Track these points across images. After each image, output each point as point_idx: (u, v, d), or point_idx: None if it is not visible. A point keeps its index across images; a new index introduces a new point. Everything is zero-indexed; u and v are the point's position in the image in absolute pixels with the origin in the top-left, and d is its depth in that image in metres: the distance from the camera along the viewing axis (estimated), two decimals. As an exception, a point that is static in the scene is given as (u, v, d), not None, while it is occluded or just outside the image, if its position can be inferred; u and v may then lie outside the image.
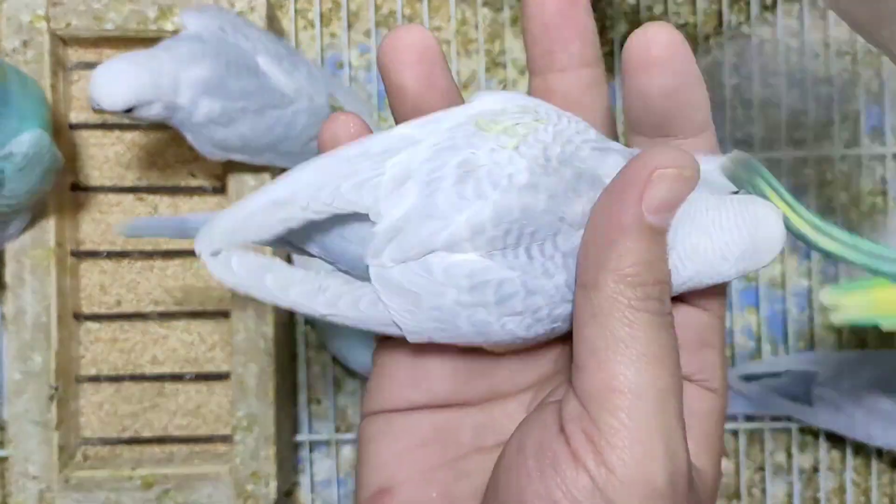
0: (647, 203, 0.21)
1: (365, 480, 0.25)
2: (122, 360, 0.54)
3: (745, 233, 0.22)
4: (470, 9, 0.59)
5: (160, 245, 0.54)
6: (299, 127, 0.48)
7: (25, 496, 0.50)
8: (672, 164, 0.21)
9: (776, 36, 0.59)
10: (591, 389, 0.21)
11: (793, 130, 0.59)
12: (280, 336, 0.53)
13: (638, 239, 0.21)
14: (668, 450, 0.20)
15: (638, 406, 0.20)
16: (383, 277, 0.23)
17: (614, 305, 0.21)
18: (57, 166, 0.47)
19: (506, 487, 0.22)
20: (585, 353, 0.21)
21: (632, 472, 0.20)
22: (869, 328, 0.52)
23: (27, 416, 0.50)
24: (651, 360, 0.20)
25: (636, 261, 0.21)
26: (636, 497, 0.20)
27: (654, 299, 0.21)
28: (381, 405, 0.26)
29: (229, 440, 0.53)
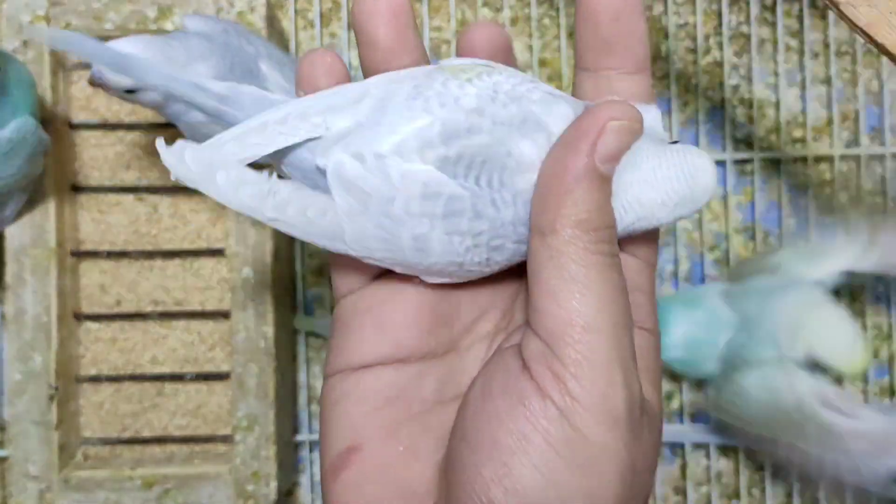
0: (598, 153, 0.22)
1: (331, 441, 0.26)
2: (122, 360, 0.54)
3: (683, 181, 0.24)
4: (470, 9, 0.59)
5: (160, 245, 0.54)
6: None
7: (26, 496, 0.50)
8: (622, 117, 0.22)
9: (776, 36, 0.59)
10: (552, 328, 0.22)
11: (792, 130, 0.59)
12: (280, 336, 0.53)
13: (590, 186, 0.22)
14: (625, 379, 0.22)
15: (597, 340, 0.22)
16: (340, 174, 0.23)
17: (571, 249, 0.22)
18: (44, 148, 0.47)
19: (475, 432, 0.23)
20: (544, 295, 0.22)
21: (595, 400, 0.22)
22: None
23: (27, 416, 0.50)
24: (606, 298, 0.22)
25: (590, 207, 0.22)
26: (600, 423, 0.22)
27: (605, 242, 0.23)
28: (346, 363, 0.26)
29: (229, 440, 0.53)
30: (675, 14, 0.59)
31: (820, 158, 0.58)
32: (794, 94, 0.59)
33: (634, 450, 0.22)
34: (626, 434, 0.22)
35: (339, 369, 0.27)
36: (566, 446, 0.22)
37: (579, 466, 0.22)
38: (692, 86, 0.59)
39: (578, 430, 0.22)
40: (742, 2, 0.59)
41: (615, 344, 0.22)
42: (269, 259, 0.51)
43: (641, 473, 0.23)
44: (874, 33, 0.37)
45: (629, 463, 0.22)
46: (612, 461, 0.22)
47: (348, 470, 0.25)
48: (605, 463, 0.22)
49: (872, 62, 0.59)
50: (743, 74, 0.59)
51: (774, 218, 0.59)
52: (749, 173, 0.59)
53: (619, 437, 0.22)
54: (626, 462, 0.22)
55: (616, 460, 0.22)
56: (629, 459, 0.22)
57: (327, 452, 0.26)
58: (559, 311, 0.22)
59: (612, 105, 0.23)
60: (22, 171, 0.46)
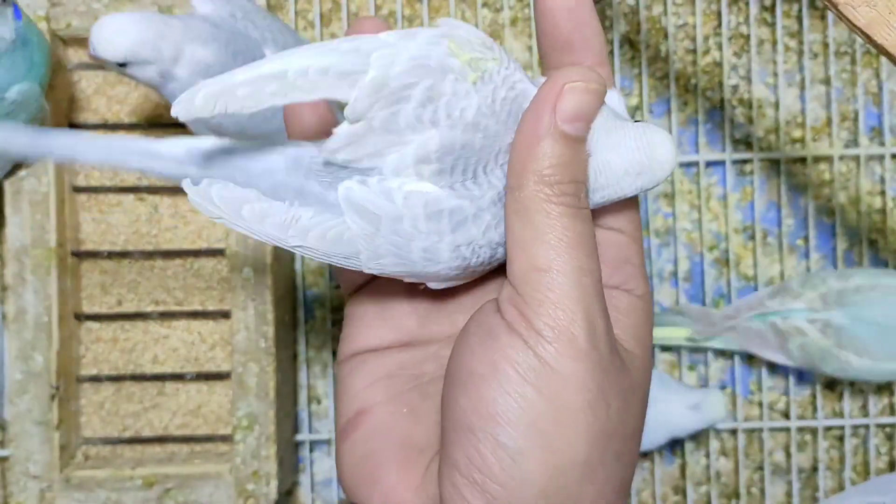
0: (559, 113, 0.24)
1: (342, 409, 0.29)
2: (122, 360, 0.54)
3: (643, 152, 0.26)
4: (470, 9, 0.59)
5: (161, 245, 0.54)
6: None
7: (26, 496, 0.50)
8: (579, 79, 0.24)
9: (775, 36, 0.59)
10: (518, 272, 0.24)
11: (792, 130, 0.59)
12: (280, 336, 0.53)
13: (553, 144, 0.24)
14: (586, 315, 0.24)
15: (557, 280, 0.24)
16: (349, 199, 0.25)
17: (534, 201, 0.24)
18: (43, 116, 0.47)
19: (456, 366, 0.25)
20: (513, 245, 0.25)
21: (556, 333, 0.23)
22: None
23: (28, 416, 0.50)
24: (567, 243, 0.24)
25: (553, 163, 0.24)
26: (563, 355, 0.23)
27: (569, 195, 0.24)
28: (353, 349, 0.29)
29: (230, 440, 0.53)
30: (675, 14, 0.59)
31: (819, 158, 0.59)
32: (793, 94, 0.59)
33: (605, 384, 0.24)
34: (593, 367, 0.24)
35: (348, 355, 0.29)
36: (533, 374, 0.23)
37: (547, 394, 0.23)
38: (691, 86, 0.59)
39: (543, 360, 0.23)
40: (741, 2, 0.59)
41: (575, 284, 0.24)
42: (269, 259, 0.51)
43: (619, 413, 0.24)
44: (873, 34, 0.37)
45: (599, 394, 0.24)
46: (580, 391, 0.23)
47: (358, 429, 0.28)
48: (573, 392, 0.23)
49: (871, 62, 0.59)
50: (742, 75, 0.59)
51: (774, 218, 0.59)
52: (748, 173, 0.59)
53: (583, 369, 0.23)
54: (594, 393, 0.24)
55: (583, 390, 0.23)
56: (598, 391, 0.24)
57: (338, 421, 0.29)
58: (524, 256, 0.24)
59: (569, 70, 0.25)
60: None
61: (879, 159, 0.59)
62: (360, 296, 0.30)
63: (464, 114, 0.25)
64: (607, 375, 0.24)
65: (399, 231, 0.25)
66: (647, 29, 0.59)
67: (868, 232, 0.58)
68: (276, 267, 0.52)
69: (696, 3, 0.58)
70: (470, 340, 0.25)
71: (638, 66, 0.59)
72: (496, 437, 0.23)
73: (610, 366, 0.24)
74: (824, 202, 0.59)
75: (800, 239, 0.59)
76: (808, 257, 0.58)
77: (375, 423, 0.27)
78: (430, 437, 0.27)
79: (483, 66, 0.25)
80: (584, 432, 0.23)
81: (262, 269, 0.51)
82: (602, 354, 0.24)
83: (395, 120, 0.25)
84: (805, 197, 0.58)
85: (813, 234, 0.58)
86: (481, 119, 0.25)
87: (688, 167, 0.59)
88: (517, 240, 0.24)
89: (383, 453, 0.27)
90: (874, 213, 0.59)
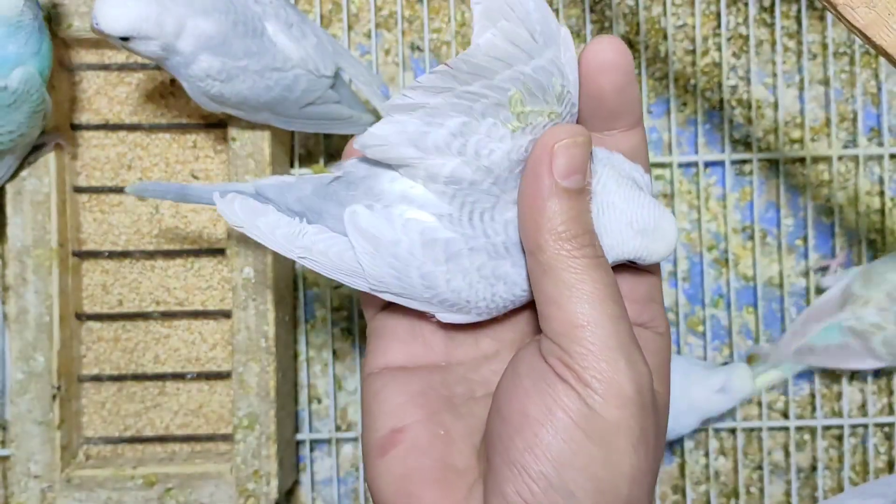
0: (556, 171, 0.25)
1: (375, 424, 0.29)
2: (123, 360, 0.55)
3: (649, 216, 0.28)
4: (469, 10, 0.59)
5: (162, 245, 0.55)
6: (298, 91, 0.48)
7: (28, 495, 0.50)
8: (566, 136, 0.26)
9: (774, 37, 0.59)
10: (558, 329, 0.25)
11: (791, 130, 0.59)
12: (281, 335, 0.53)
13: (559, 201, 0.25)
14: (629, 363, 0.25)
15: (597, 333, 0.25)
16: (354, 221, 0.27)
17: (558, 259, 0.25)
18: (45, 108, 0.47)
19: (508, 406, 0.26)
20: (546, 304, 0.26)
21: (605, 385, 0.25)
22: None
23: (30, 416, 0.50)
24: (598, 296, 0.25)
25: (564, 219, 0.25)
26: (612, 404, 0.25)
27: (587, 246, 0.26)
28: (383, 363, 0.30)
29: (230, 439, 0.53)
30: (674, 15, 0.59)
31: (818, 159, 0.59)
32: (792, 94, 0.59)
33: (646, 424, 0.25)
34: (638, 411, 0.25)
35: (377, 368, 0.30)
36: (584, 421, 0.25)
37: (597, 439, 0.25)
38: (691, 86, 0.59)
39: (593, 409, 0.25)
40: (740, 3, 0.59)
41: (613, 333, 0.25)
42: (270, 259, 0.51)
43: (654, 450, 0.26)
44: (872, 34, 0.37)
45: (641, 436, 0.25)
46: (626, 435, 0.25)
47: (396, 448, 0.28)
48: (620, 437, 0.25)
49: (870, 63, 0.59)
50: (741, 75, 0.59)
51: (773, 218, 0.59)
52: (747, 173, 0.59)
53: (630, 415, 0.25)
54: (637, 435, 0.25)
55: (629, 434, 0.25)
56: (641, 433, 0.25)
57: (371, 435, 0.29)
58: (560, 314, 0.25)
59: (555, 129, 0.26)
60: (21, 130, 0.46)
61: (878, 159, 0.59)
62: (389, 311, 0.31)
63: (491, 157, 0.26)
64: (647, 416, 0.25)
65: (397, 255, 0.27)
66: (647, 29, 0.59)
67: (867, 232, 0.58)
68: (277, 267, 0.52)
69: (695, 4, 0.58)
70: (523, 383, 0.26)
71: (637, 66, 0.59)
72: (549, 478, 0.25)
73: (650, 406, 0.26)
74: (823, 202, 0.59)
75: (799, 239, 0.59)
76: (806, 257, 0.58)
77: (413, 442, 0.28)
78: (467, 461, 0.28)
79: (533, 120, 0.26)
80: (628, 473, 0.25)
81: (262, 270, 0.51)
82: (644, 397, 0.25)
83: (427, 133, 0.26)
84: (804, 197, 0.59)
85: (812, 234, 0.58)
86: (496, 167, 0.26)
87: (687, 167, 0.59)
88: (551, 299, 0.26)
89: (422, 473, 0.27)
90: (873, 213, 0.59)
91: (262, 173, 0.51)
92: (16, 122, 0.45)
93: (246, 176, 0.51)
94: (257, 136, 0.51)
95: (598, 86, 0.27)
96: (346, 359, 0.59)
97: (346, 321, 0.59)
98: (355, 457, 0.59)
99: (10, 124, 0.45)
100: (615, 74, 0.27)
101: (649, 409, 0.25)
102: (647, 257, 0.28)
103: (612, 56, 0.27)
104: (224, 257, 0.55)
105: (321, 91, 0.49)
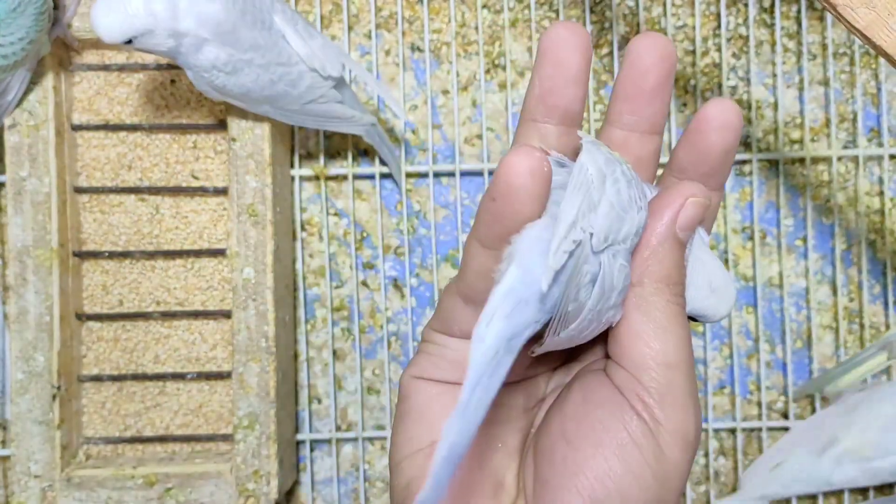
0: (679, 221, 0.27)
1: (414, 434, 0.29)
2: (124, 360, 0.55)
3: (722, 277, 0.29)
4: (470, 11, 0.59)
5: (162, 245, 0.55)
6: (303, 87, 0.48)
7: (28, 495, 0.50)
8: (699, 194, 0.27)
9: (774, 37, 0.59)
10: (640, 362, 0.27)
11: (790, 131, 0.59)
12: (281, 335, 0.53)
13: (671, 248, 0.27)
14: (695, 409, 0.27)
15: (677, 375, 0.26)
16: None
17: (655, 299, 0.27)
18: (48, 9, 0.46)
19: (577, 432, 0.27)
20: (630, 334, 0.27)
21: (675, 426, 0.26)
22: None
23: (30, 416, 0.50)
24: (681, 341, 0.27)
25: (670, 265, 0.27)
26: (677, 445, 0.26)
27: (680, 295, 0.27)
28: (428, 374, 0.29)
29: (230, 439, 0.54)
30: (674, 16, 0.59)
31: (818, 159, 0.59)
32: (792, 95, 0.59)
33: (691, 464, 0.27)
34: (692, 455, 0.27)
35: (418, 376, 0.29)
36: (654, 459, 0.26)
37: (660, 478, 0.26)
38: (691, 87, 0.59)
39: (661, 448, 0.26)
40: (740, 4, 0.59)
41: (689, 378, 0.27)
42: (270, 259, 0.51)
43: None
44: (872, 35, 0.37)
45: (687, 475, 0.27)
46: (681, 476, 0.27)
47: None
48: (677, 477, 0.27)
49: (870, 63, 0.59)
50: (741, 76, 0.59)
51: (773, 218, 0.59)
52: (747, 174, 0.59)
53: (688, 459, 0.27)
54: (686, 475, 0.27)
55: (683, 475, 0.27)
56: (688, 472, 0.27)
57: (409, 446, 0.29)
58: (645, 349, 0.27)
59: (689, 184, 0.28)
60: (30, 35, 0.45)
61: (878, 160, 0.59)
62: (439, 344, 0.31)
63: (620, 196, 0.27)
64: (693, 456, 0.27)
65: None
66: (647, 30, 0.59)
67: (866, 232, 0.58)
68: (277, 267, 0.52)
69: (695, 5, 0.59)
70: (596, 413, 0.27)
71: (637, 67, 0.59)
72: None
73: (697, 447, 0.28)
74: (823, 203, 0.59)
75: (798, 239, 0.59)
76: (806, 257, 0.58)
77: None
78: (513, 475, 0.29)
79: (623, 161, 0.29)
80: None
81: (262, 270, 0.51)
82: (698, 443, 0.27)
83: (591, 191, 0.26)
84: (804, 197, 0.59)
85: (811, 234, 0.58)
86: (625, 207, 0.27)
87: (687, 168, 0.59)
88: (636, 331, 0.27)
89: (472, 486, 0.28)
90: (872, 213, 0.59)
91: (262, 173, 0.51)
92: (24, 28, 0.45)
93: (247, 177, 0.51)
94: (257, 136, 0.51)
95: (709, 143, 0.29)
96: (346, 359, 0.59)
97: (347, 321, 0.59)
98: (355, 457, 0.59)
99: (20, 30, 0.45)
100: (729, 134, 0.29)
101: (694, 451, 0.28)
102: (711, 316, 0.29)
103: (731, 118, 0.29)
104: (224, 257, 0.55)
105: (324, 90, 0.49)
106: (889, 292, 0.58)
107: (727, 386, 0.59)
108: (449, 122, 0.59)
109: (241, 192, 0.51)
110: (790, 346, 0.58)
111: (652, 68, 0.28)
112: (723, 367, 0.59)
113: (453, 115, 0.59)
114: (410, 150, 0.59)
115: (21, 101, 0.50)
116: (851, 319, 0.59)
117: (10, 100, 0.49)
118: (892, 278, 0.58)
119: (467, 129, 0.59)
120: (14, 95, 0.49)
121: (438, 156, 0.59)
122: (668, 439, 0.26)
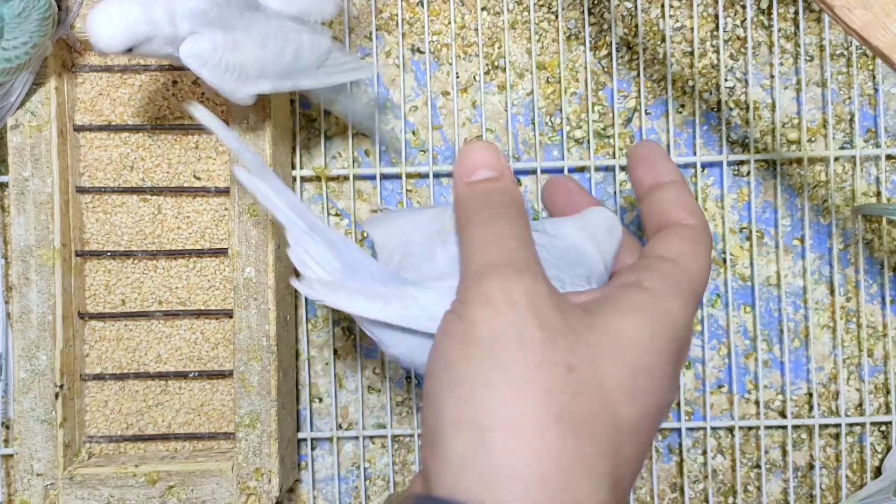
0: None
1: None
2: (126, 359, 0.55)
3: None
4: (469, 13, 0.59)
5: (164, 245, 0.55)
6: (307, 50, 0.47)
7: (31, 493, 0.50)
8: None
9: (772, 38, 0.59)
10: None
11: (788, 132, 0.59)
12: (282, 334, 0.53)
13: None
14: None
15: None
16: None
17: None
18: (52, 13, 0.46)
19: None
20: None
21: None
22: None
23: (33, 414, 0.51)
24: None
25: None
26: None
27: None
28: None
29: (232, 437, 0.54)
30: (672, 17, 0.59)
31: (815, 160, 0.59)
32: (789, 96, 0.60)
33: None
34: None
35: None
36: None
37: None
38: (689, 88, 0.59)
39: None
40: (738, 5, 0.59)
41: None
42: (271, 258, 0.51)
43: None
44: (869, 36, 0.37)
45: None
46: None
47: None
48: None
49: (867, 64, 0.59)
50: (739, 77, 0.59)
51: (770, 218, 0.60)
52: (745, 174, 0.59)
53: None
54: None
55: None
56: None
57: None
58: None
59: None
60: (34, 39, 0.45)
61: (875, 160, 0.59)
62: None
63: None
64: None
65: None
66: (645, 31, 0.60)
67: (864, 232, 0.59)
68: (278, 266, 0.52)
69: (693, 6, 0.59)
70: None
71: (635, 68, 0.59)
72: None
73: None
74: (820, 203, 0.59)
75: (796, 239, 0.59)
76: (804, 257, 0.59)
77: None
78: None
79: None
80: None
81: (263, 269, 0.51)
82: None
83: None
84: (801, 198, 0.59)
85: (809, 234, 0.58)
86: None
87: (685, 169, 0.59)
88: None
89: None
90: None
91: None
92: (28, 32, 0.45)
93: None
94: (258, 136, 0.51)
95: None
96: (346, 358, 0.59)
97: (347, 321, 0.59)
98: (356, 455, 0.59)
99: (23, 35, 0.45)
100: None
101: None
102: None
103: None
104: (226, 257, 0.55)
105: (326, 46, 0.48)
106: (886, 292, 0.58)
107: (725, 385, 0.59)
108: (449, 123, 0.59)
109: (242, 192, 0.51)
110: (788, 345, 0.59)
111: None
112: (721, 366, 0.59)
113: (453, 116, 0.59)
114: (411, 151, 0.59)
115: (24, 102, 0.50)
116: (849, 319, 0.59)
117: (12, 101, 0.49)
118: (889, 278, 0.58)
119: (467, 129, 0.59)
120: (17, 97, 0.49)
121: (438, 157, 0.59)
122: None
